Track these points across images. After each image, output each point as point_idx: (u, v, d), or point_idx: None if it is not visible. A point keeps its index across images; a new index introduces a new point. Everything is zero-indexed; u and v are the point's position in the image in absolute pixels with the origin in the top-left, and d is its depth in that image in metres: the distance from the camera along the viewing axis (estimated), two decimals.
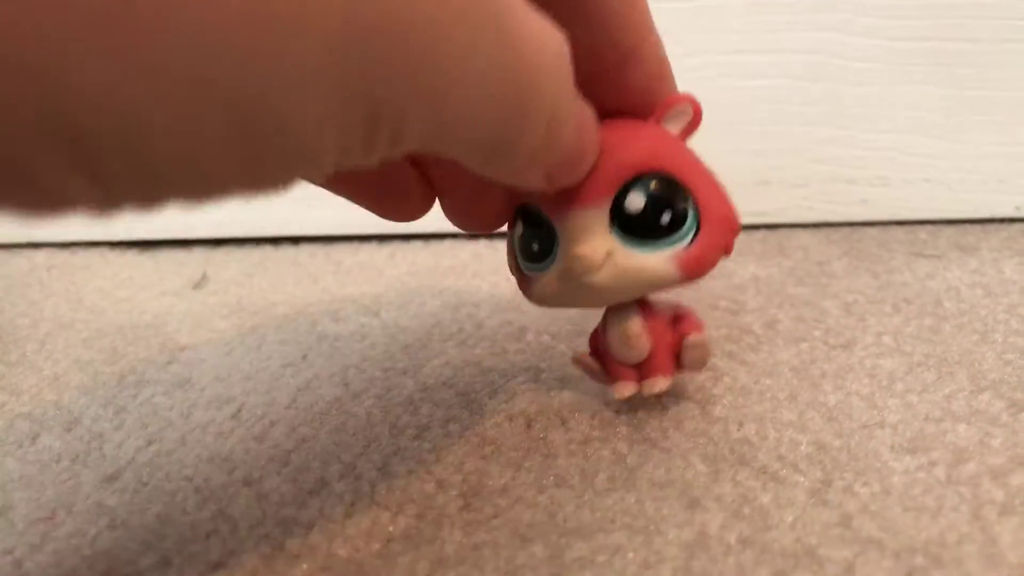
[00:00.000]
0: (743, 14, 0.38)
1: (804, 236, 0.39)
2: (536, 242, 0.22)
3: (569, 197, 0.20)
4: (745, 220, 0.40)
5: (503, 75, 0.15)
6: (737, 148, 0.40)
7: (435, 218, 0.24)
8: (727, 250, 0.22)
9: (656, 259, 0.21)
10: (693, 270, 0.21)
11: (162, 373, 0.30)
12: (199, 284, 0.40)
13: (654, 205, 0.20)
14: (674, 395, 0.25)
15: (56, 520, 0.22)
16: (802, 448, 0.22)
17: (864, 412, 0.23)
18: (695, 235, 0.21)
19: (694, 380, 0.26)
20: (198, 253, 0.45)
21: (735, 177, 0.40)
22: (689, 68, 0.39)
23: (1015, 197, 0.39)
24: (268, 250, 0.45)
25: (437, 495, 0.21)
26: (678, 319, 0.23)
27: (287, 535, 0.20)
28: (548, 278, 0.22)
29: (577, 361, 0.24)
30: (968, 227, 0.39)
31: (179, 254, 0.45)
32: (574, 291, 0.21)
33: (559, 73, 0.16)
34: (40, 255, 0.45)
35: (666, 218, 0.21)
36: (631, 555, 0.18)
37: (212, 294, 0.38)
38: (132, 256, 0.45)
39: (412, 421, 0.25)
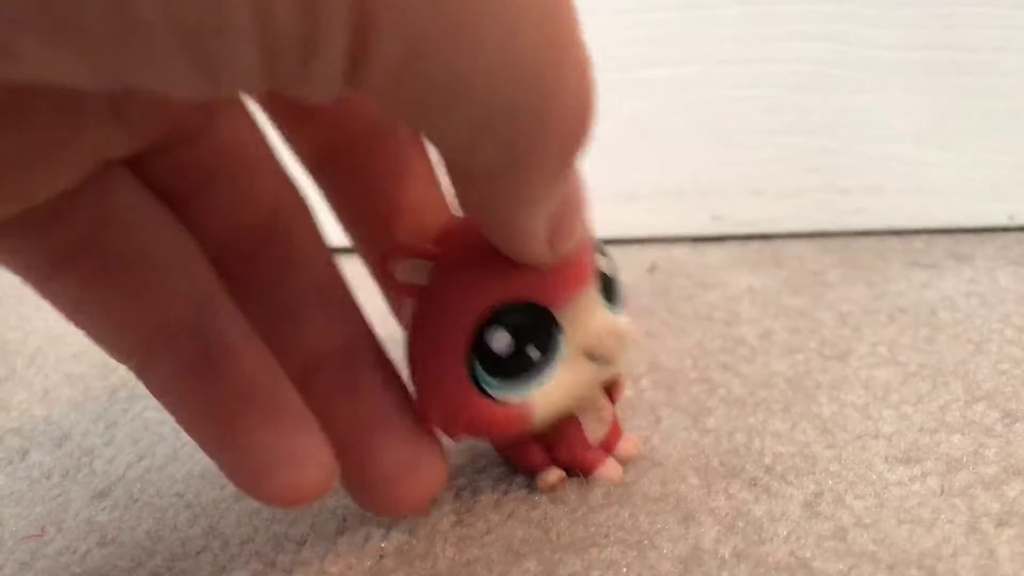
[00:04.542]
0: (736, 23, 0.38)
1: (799, 246, 0.39)
2: (535, 345, 0.18)
3: (572, 277, 0.18)
4: (739, 230, 0.41)
5: (541, 18, 0.11)
6: (730, 158, 0.40)
7: None
8: None
9: (625, 320, 0.19)
10: None
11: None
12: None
13: (612, 265, 0.19)
14: (668, 407, 0.25)
15: (45, 537, 0.21)
16: (796, 460, 0.22)
17: (858, 423, 0.23)
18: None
19: (687, 392, 0.26)
20: None
21: (729, 187, 0.41)
22: (681, 77, 0.39)
23: (1009, 206, 0.39)
24: None
25: (430, 510, 0.21)
26: None
27: (278, 551, 0.20)
28: (560, 382, 0.18)
29: (554, 481, 0.21)
30: (963, 236, 0.39)
31: None
32: (597, 378, 0.19)
33: (588, 66, 0.13)
34: None
35: (618, 279, 0.20)
36: (625, 570, 0.18)
37: None
38: None
39: None
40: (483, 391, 0.18)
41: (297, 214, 0.18)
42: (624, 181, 0.41)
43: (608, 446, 0.21)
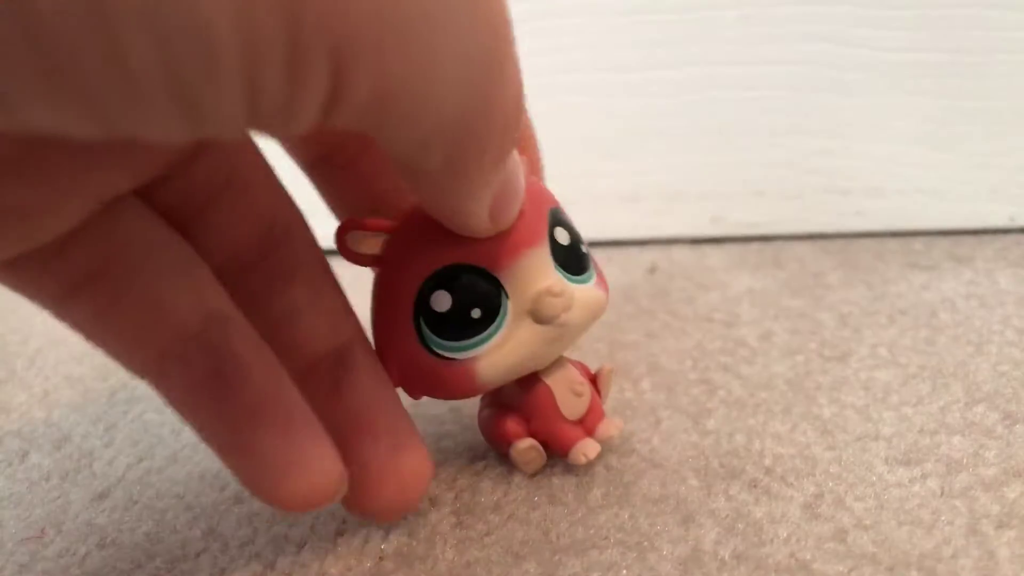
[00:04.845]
0: (736, 25, 0.38)
1: (799, 247, 0.39)
2: (477, 306, 0.18)
3: (512, 242, 0.18)
4: (739, 231, 0.41)
5: (481, 28, 0.12)
6: (731, 159, 0.40)
7: None
8: None
9: (592, 287, 0.20)
10: (608, 293, 0.21)
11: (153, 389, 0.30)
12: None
13: (573, 236, 0.20)
14: (668, 409, 0.25)
15: (45, 539, 0.21)
16: (796, 461, 0.22)
17: (858, 424, 0.23)
18: (592, 262, 0.21)
19: (688, 393, 0.25)
20: None
21: (729, 188, 0.41)
22: (682, 79, 0.39)
23: (1009, 207, 0.39)
24: None
25: (429, 512, 0.21)
26: (574, 362, 0.22)
27: (278, 553, 0.20)
28: (505, 343, 0.19)
29: (526, 450, 0.21)
30: (962, 238, 0.39)
31: None
32: (548, 343, 0.19)
33: (516, 56, 0.14)
34: None
35: (584, 248, 0.20)
36: (625, 572, 0.18)
37: None
38: None
39: None
40: (430, 349, 0.19)
41: (292, 225, 0.19)
42: (624, 183, 0.41)
43: (588, 427, 0.21)
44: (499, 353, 0.19)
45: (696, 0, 0.38)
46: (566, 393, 0.21)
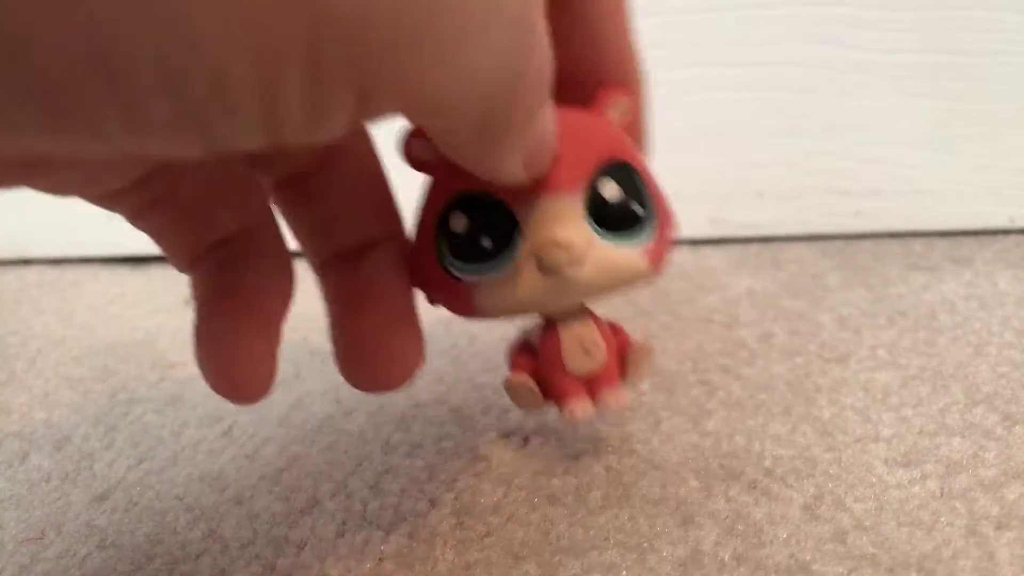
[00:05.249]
0: (735, 27, 0.38)
1: (798, 249, 0.39)
2: (488, 235, 0.18)
3: (540, 184, 0.18)
4: (739, 233, 0.41)
5: (512, 21, 0.12)
6: (730, 161, 0.40)
7: None
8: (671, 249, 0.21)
9: (631, 252, 0.19)
10: (660, 266, 0.20)
11: (153, 391, 0.30)
12: (191, 301, 0.40)
13: (627, 195, 0.19)
14: (668, 410, 0.25)
15: (45, 540, 0.21)
16: (796, 463, 0.22)
17: (858, 426, 0.23)
18: (656, 229, 0.20)
19: (687, 394, 0.26)
20: None
21: (729, 190, 0.41)
22: (682, 81, 0.39)
23: (1008, 208, 0.39)
24: None
25: (429, 513, 0.21)
26: (613, 326, 0.21)
27: (278, 554, 0.20)
28: (508, 279, 0.18)
29: (517, 384, 0.21)
30: (962, 239, 0.39)
31: (171, 270, 0.44)
32: (548, 290, 0.18)
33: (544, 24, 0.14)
34: (31, 272, 0.45)
35: (638, 210, 0.19)
36: (624, 573, 0.18)
37: None
38: (123, 273, 0.45)
39: (404, 439, 0.25)
40: (442, 264, 0.19)
41: (352, 140, 0.20)
42: None
43: (592, 389, 0.21)
44: (500, 287, 0.19)
45: (695, 2, 0.38)
46: (574, 347, 0.20)
